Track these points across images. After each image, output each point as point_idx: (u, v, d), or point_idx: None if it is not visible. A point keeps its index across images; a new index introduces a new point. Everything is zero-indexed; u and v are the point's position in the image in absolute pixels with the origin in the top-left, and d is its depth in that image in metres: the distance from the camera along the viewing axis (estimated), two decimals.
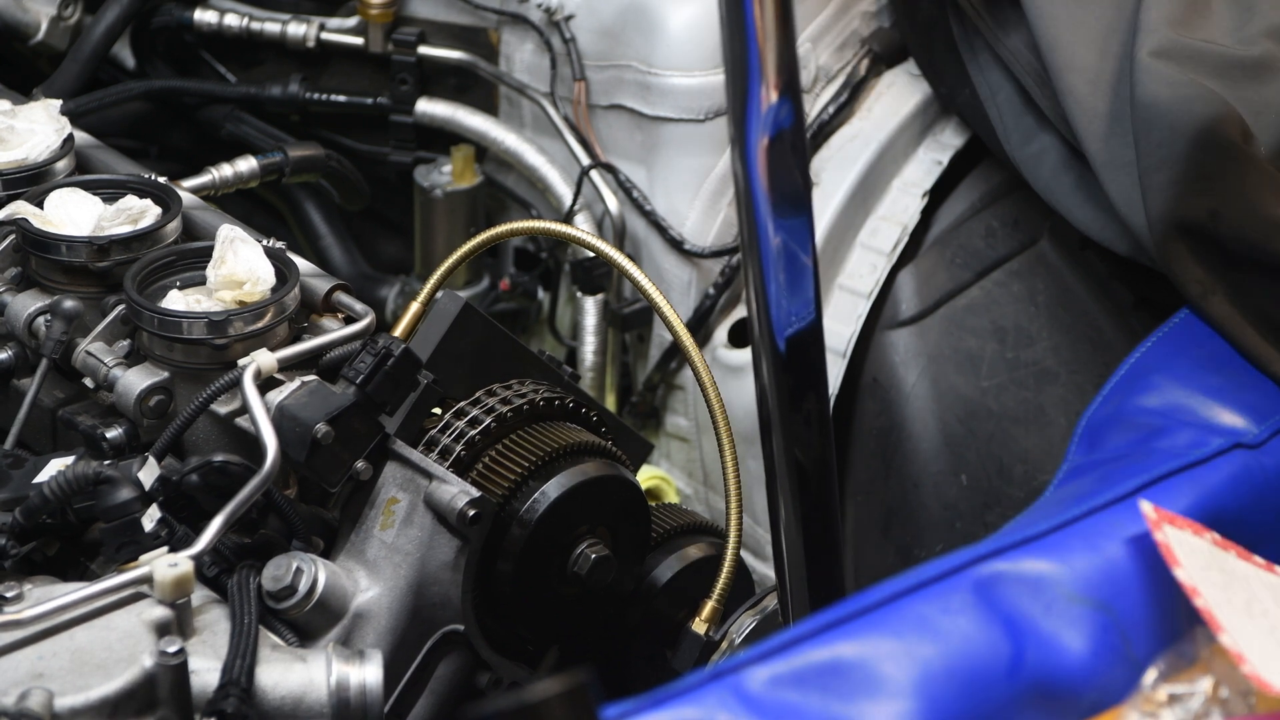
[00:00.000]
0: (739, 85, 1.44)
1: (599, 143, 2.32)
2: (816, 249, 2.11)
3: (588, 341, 2.35)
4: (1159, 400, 1.47)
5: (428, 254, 2.46)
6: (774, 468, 1.59)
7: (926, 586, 1.23)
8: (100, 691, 1.43)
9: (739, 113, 1.44)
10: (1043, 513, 1.33)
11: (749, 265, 1.50)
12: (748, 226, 1.48)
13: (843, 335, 2.17)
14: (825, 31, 2.30)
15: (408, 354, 1.69)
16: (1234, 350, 1.67)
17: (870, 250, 2.22)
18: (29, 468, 1.63)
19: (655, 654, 1.85)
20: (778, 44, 1.43)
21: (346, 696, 1.52)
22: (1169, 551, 1.27)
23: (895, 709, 1.15)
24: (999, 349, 2.14)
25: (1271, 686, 1.21)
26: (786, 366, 1.53)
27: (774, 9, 1.41)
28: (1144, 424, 1.42)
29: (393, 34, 2.42)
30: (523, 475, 1.73)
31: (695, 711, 1.15)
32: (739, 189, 1.48)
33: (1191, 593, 1.25)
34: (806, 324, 1.53)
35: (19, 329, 1.75)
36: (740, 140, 1.45)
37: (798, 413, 1.55)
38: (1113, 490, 1.35)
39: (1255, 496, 1.44)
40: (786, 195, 1.48)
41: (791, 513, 1.59)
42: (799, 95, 1.45)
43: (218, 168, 2.20)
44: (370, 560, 1.67)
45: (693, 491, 2.37)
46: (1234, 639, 1.24)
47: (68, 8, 2.43)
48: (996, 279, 2.19)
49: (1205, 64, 1.85)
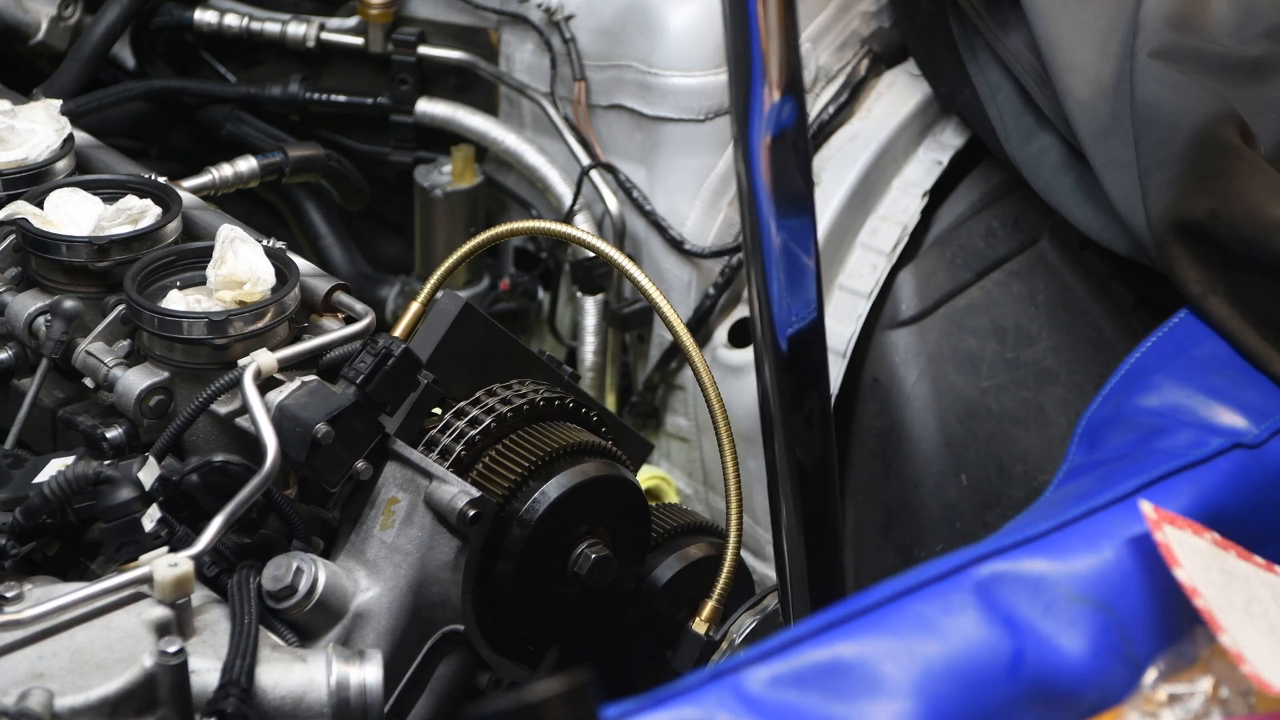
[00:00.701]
0: (742, 84, 1.44)
1: (599, 143, 2.32)
2: (818, 248, 2.11)
3: (588, 341, 2.35)
4: (1159, 400, 1.47)
5: (428, 254, 2.46)
6: (775, 467, 1.59)
7: (927, 586, 1.23)
8: (100, 691, 1.43)
9: (742, 111, 1.44)
10: (1043, 513, 1.33)
11: (751, 264, 1.50)
12: (750, 225, 1.48)
13: (843, 335, 2.17)
14: (825, 31, 2.30)
15: (408, 354, 1.69)
16: (1234, 350, 1.67)
17: (870, 250, 2.22)
18: (29, 468, 1.63)
19: (655, 654, 1.85)
20: (781, 43, 1.43)
21: (346, 696, 1.52)
22: (1169, 551, 1.27)
23: (895, 709, 1.15)
24: (999, 349, 2.14)
25: (1271, 686, 1.21)
26: (788, 366, 1.53)
27: (777, 7, 1.41)
28: (1144, 424, 1.42)
29: (393, 34, 2.42)
30: (523, 475, 1.73)
31: (695, 711, 1.15)
32: (742, 188, 1.48)
33: (1191, 593, 1.25)
34: (808, 323, 1.53)
35: (19, 329, 1.75)
36: (743, 139, 1.45)
37: (799, 412, 1.55)
38: (1113, 490, 1.35)
39: (1255, 496, 1.44)
40: (789, 195, 1.48)
41: (792, 513, 1.59)
42: (802, 94, 1.45)
43: (218, 168, 2.20)
44: (370, 560, 1.66)
45: (693, 491, 2.37)
46: (1234, 639, 1.24)
47: (68, 8, 2.43)
48: (996, 279, 2.19)
49: (1205, 64, 1.85)
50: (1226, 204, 1.74)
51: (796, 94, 1.45)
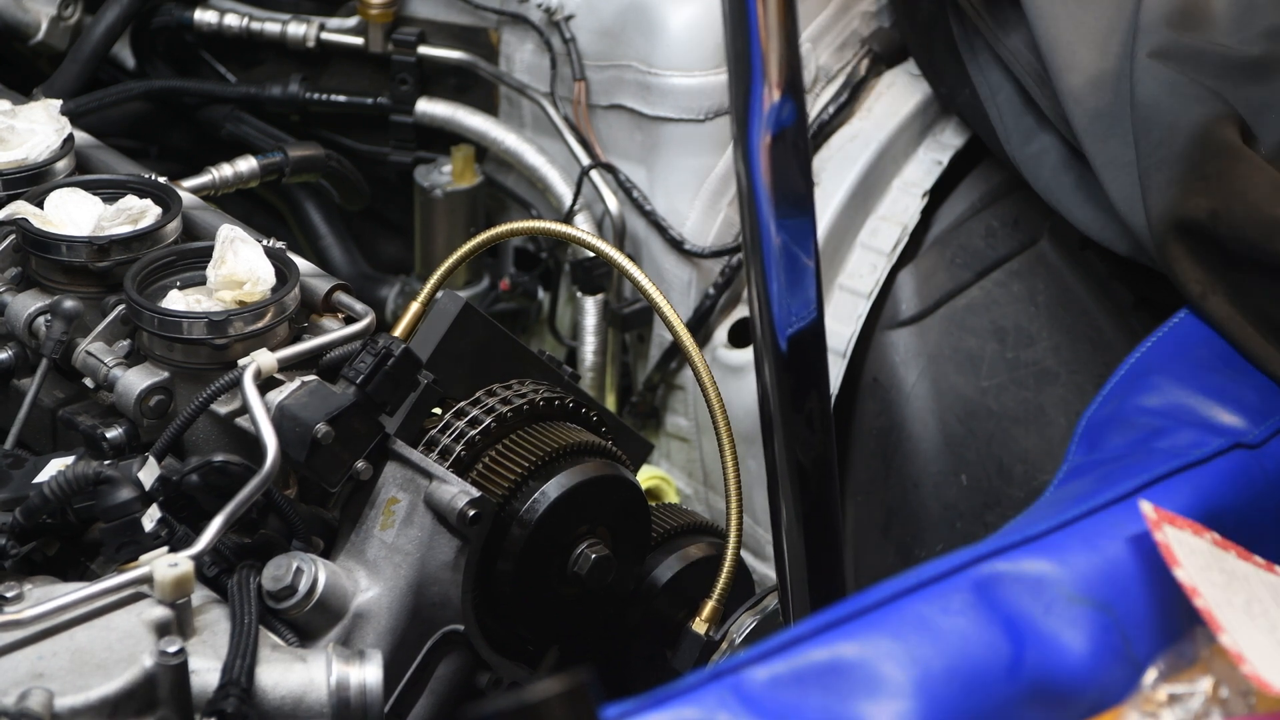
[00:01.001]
0: (742, 83, 1.44)
1: (599, 143, 2.32)
2: (818, 248, 2.11)
3: (588, 341, 2.35)
4: (1159, 400, 1.47)
5: (428, 254, 2.46)
6: (775, 468, 1.59)
7: (927, 586, 1.23)
8: (100, 691, 1.42)
9: (742, 111, 1.44)
10: (1043, 513, 1.33)
11: (751, 264, 1.50)
12: (750, 225, 1.48)
13: (843, 335, 2.17)
14: (825, 31, 2.30)
15: (408, 354, 1.69)
16: (1234, 350, 1.67)
17: (870, 250, 2.22)
18: (29, 468, 1.63)
19: (655, 654, 1.85)
20: (781, 43, 1.43)
21: (346, 696, 1.52)
22: (1169, 551, 1.27)
23: (895, 709, 1.15)
24: (999, 349, 2.14)
25: (1271, 686, 1.21)
26: (788, 366, 1.53)
27: (777, 7, 1.41)
28: (1144, 424, 1.42)
29: (393, 34, 2.42)
30: (523, 475, 1.73)
31: (695, 711, 1.15)
32: (741, 188, 1.48)
33: (1191, 593, 1.25)
34: (808, 323, 1.53)
35: (19, 329, 1.75)
36: (743, 139, 1.45)
37: (799, 412, 1.55)
38: (1113, 490, 1.35)
39: (1255, 496, 1.44)
40: (789, 195, 1.48)
41: (792, 512, 1.59)
42: (802, 94, 1.45)
43: (218, 168, 2.20)
44: (370, 560, 1.66)
45: (693, 491, 2.37)
46: (1234, 639, 1.24)
47: (68, 8, 2.43)
48: (996, 279, 2.19)
49: (1205, 64, 1.85)
50: (1226, 204, 1.74)
51: (796, 94, 1.45)
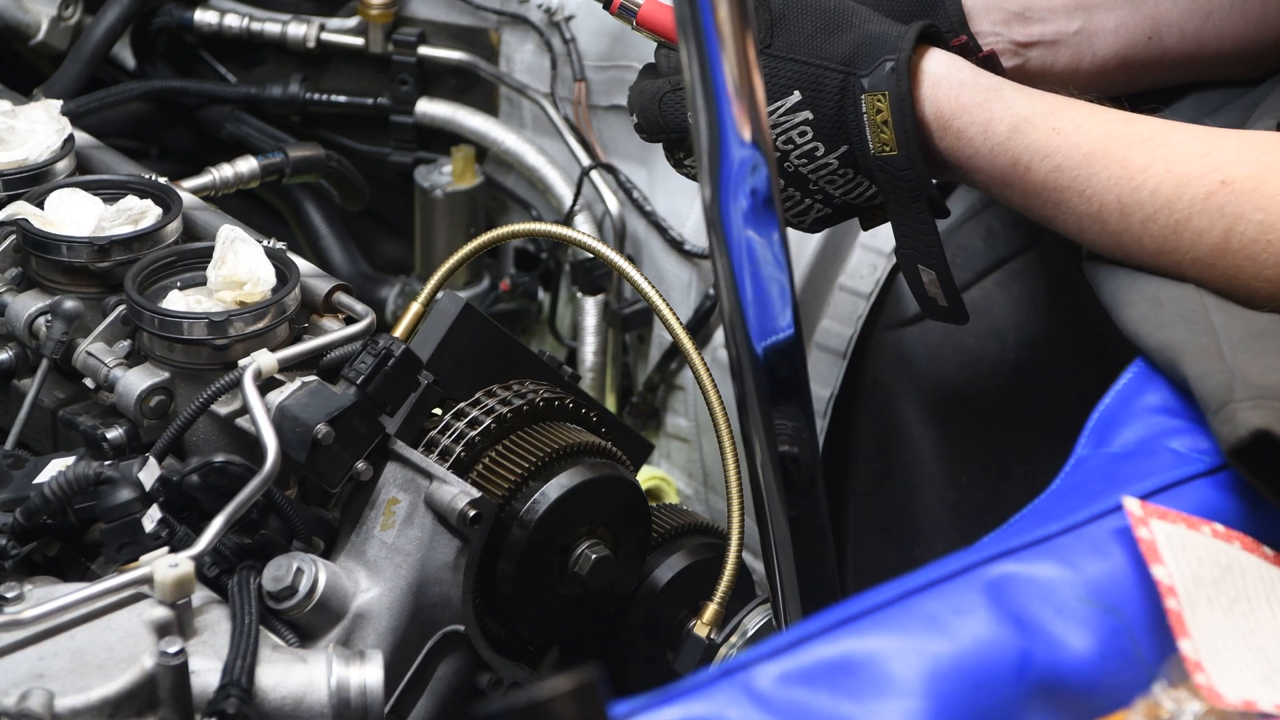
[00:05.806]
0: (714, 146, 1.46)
1: (599, 143, 2.32)
2: (811, 252, 2.11)
3: (588, 342, 2.35)
4: (1175, 399, 1.46)
5: (428, 254, 2.46)
6: (757, 479, 1.59)
7: (936, 585, 1.22)
8: (101, 692, 1.42)
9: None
10: (1051, 511, 1.33)
11: (720, 273, 1.51)
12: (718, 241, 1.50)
13: (843, 335, 2.17)
14: None
15: (408, 354, 1.68)
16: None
17: (870, 250, 2.21)
18: (29, 468, 1.63)
19: (655, 655, 1.85)
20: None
21: (347, 697, 1.52)
22: (1152, 548, 1.26)
23: (904, 707, 1.15)
24: (999, 349, 2.14)
25: (1223, 698, 1.19)
26: (767, 377, 1.53)
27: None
28: (1157, 423, 1.42)
29: (393, 34, 2.42)
30: (523, 476, 1.73)
31: (704, 708, 1.15)
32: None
33: (1167, 592, 1.24)
34: (785, 337, 1.54)
35: (19, 329, 1.75)
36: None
37: (779, 423, 1.56)
38: (1123, 494, 1.34)
39: (1269, 504, 1.43)
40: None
41: (780, 521, 1.59)
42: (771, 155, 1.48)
43: (218, 168, 2.20)
44: (371, 561, 1.66)
45: (693, 492, 2.37)
46: (1196, 645, 1.22)
47: (68, 8, 2.43)
48: (996, 279, 2.18)
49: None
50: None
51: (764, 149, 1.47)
